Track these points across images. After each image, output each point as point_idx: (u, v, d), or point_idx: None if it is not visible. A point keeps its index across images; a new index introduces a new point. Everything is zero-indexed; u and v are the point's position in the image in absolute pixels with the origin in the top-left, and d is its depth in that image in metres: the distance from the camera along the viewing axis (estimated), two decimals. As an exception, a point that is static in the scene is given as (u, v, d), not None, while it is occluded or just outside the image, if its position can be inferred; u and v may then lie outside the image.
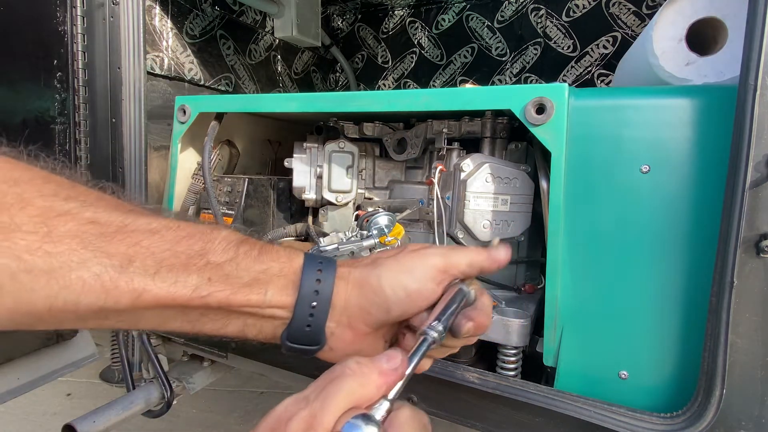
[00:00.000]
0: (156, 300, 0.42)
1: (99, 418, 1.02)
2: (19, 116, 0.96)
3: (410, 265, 0.49)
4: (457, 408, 0.78)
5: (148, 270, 0.41)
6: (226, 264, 0.45)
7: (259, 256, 0.47)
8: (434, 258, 0.50)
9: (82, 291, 0.39)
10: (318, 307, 0.47)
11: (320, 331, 0.48)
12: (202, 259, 0.44)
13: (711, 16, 0.82)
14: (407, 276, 0.49)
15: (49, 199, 0.39)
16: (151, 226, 0.43)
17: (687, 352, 0.68)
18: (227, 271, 0.45)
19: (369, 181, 1.14)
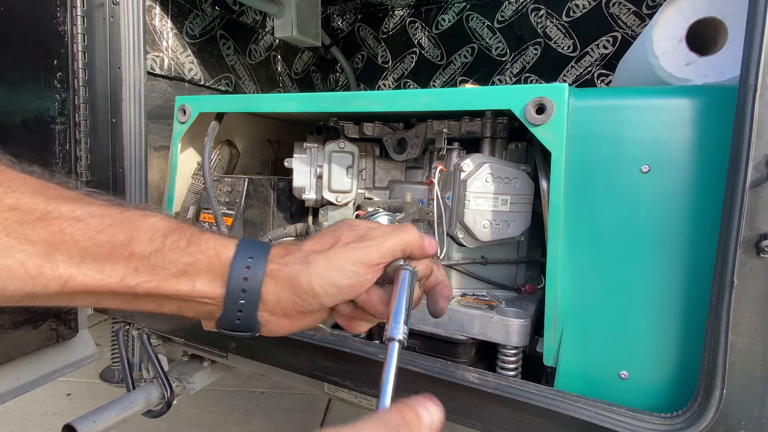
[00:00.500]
0: (83, 287, 0.42)
1: (99, 418, 1.02)
2: (19, 116, 0.96)
3: (340, 263, 0.49)
4: (457, 408, 0.78)
5: (72, 258, 0.42)
6: (152, 255, 0.44)
7: (186, 248, 0.46)
8: (365, 252, 0.50)
9: (8, 277, 0.39)
10: (246, 304, 0.47)
11: (252, 321, 0.49)
12: (127, 249, 0.43)
13: (711, 16, 0.82)
14: (338, 273, 0.48)
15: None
16: (75, 213, 0.42)
17: (687, 352, 0.68)
18: (154, 262, 0.44)
19: (369, 181, 1.14)
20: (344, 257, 0.49)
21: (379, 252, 0.50)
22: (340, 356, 0.87)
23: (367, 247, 0.50)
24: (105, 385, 2.38)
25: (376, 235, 0.51)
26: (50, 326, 1.04)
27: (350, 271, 0.49)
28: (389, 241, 0.51)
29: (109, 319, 1.25)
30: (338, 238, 0.51)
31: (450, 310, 0.84)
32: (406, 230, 0.53)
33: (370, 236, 0.51)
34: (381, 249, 0.50)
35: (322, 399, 2.27)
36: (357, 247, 0.49)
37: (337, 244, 0.50)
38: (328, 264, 0.48)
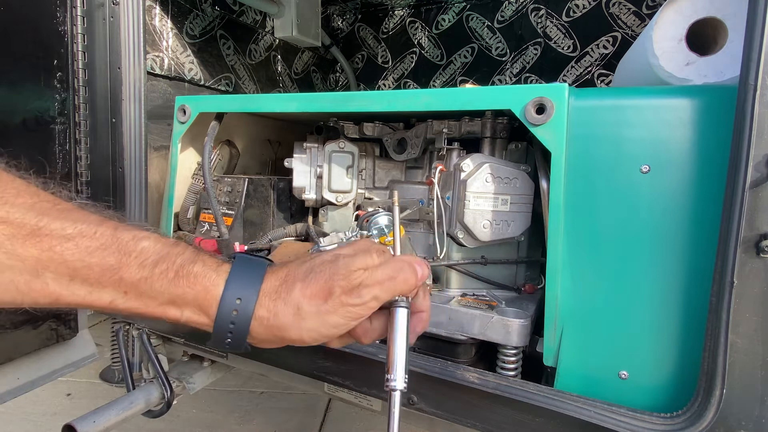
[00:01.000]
0: (74, 304, 0.43)
1: (99, 418, 1.01)
2: (19, 116, 0.96)
3: (335, 321, 0.48)
4: (457, 408, 0.78)
5: (62, 277, 0.42)
6: (141, 282, 0.44)
7: (174, 279, 0.45)
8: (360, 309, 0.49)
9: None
10: (234, 336, 0.47)
11: (242, 346, 0.49)
12: (116, 274, 0.43)
13: (711, 16, 0.82)
14: (330, 329, 0.49)
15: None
16: (66, 231, 0.42)
17: (687, 352, 0.68)
18: (143, 289, 0.44)
19: (369, 181, 1.14)
20: (339, 315, 0.48)
21: (375, 305, 0.50)
22: (340, 356, 0.87)
23: (362, 305, 0.49)
24: (105, 385, 2.38)
25: (373, 283, 0.50)
26: (50, 326, 1.04)
27: (344, 326, 0.49)
28: (386, 293, 0.50)
29: (109, 319, 1.25)
30: (332, 287, 0.48)
31: (450, 310, 0.85)
32: (405, 277, 0.51)
33: (368, 284, 0.49)
34: (378, 301, 0.50)
35: (322, 399, 2.27)
36: (353, 303, 0.48)
37: (332, 297, 0.48)
38: (321, 321, 0.48)
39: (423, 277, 0.53)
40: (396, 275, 0.51)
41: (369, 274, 0.50)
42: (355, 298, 0.49)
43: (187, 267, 0.46)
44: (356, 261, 0.50)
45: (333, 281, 0.49)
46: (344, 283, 0.49)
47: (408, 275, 0.52)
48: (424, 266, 0.54)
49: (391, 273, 0.51)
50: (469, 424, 0.78)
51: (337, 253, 0.52)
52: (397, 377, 0.49)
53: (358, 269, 0.50)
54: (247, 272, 0.49)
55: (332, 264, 0.50)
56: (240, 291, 0.47)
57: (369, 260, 0.51)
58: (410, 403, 0.82)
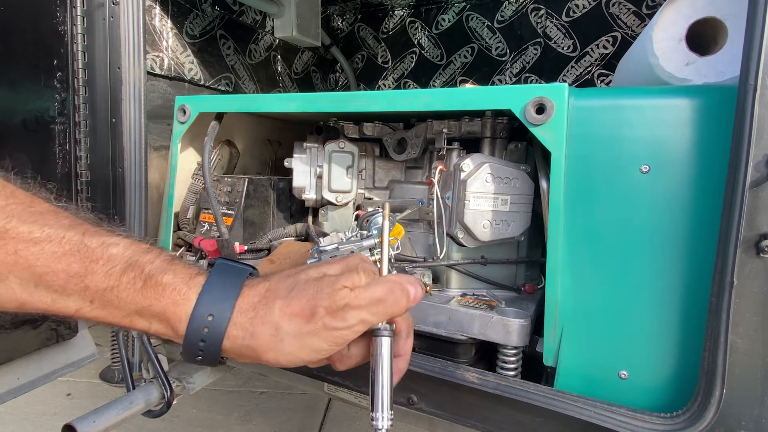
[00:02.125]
0: (40, 311, 0.42)
1: (99, 418, 1.01)
2: (19, 116, 0.96)
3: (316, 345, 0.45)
4: (457, 408, 0.78)
5: (27, 283, 0.41)
6: (107, 291, 0.42)
7: (142, 290, 0.43)
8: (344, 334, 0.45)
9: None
10: (205, 357, 0.45)
11: (215, 362, 0.46)
12: (81, 281, 0.41)
13: (711, 16, 0.82)
14: (310, 353, 0.45)
15: None
16: (33, 235, 0.41)
17: (687, 352, 0.68)
18: (109, 299, 0.42)
19: (369, 181, 1.14)
20: (321, 338, 0.45)
21: (361, 329, 0.46)
22: (340, 356, 0.87)
23: (348, 329, 0.45)
24: (105, 385, 2.38)
25: (360, 305, 0.46)
26: (50, 326, 1.04)
27: (326, 350, 0.46)
28: (375, 316, 0.47)
29: (109, 319, 1.25)
30: (316, 308, 0.45)
31: (450, 310, 0.85)
32: (395, 299, 0.47)
33: (355, 305, 0.45)
34: (365, 325, 0.46)
35: (322, 399, 2.27)
36: (338, 327, 0.45)
37: (314, 318, 0.44)
38: (300, 344, 0.44)
39: (416, 299, 0.49)
40: (385, 297, 0.47)
41: (356, 295, 0.46)
42: (340, 321, 0.45)
43: (156, 277, 0.43)
44: (341, 279, 0.47)
45: (316, 300, 0.45)
46: (328, 303, 0.45)
47: (399, 297, 0.47)
48: (417, 286, 0.49)
49: (380, 294, 0.47)
50: (469, 424, 0.78)
51: (323, 270, 0.48)
52: (383, 416, 0.47)
53: (344, 288, 0.46)
54: (222, 285, 0.45)
55: (317, 282, 0.46)
56: (213, 306, 0.44)
57: (356, 279, 0.48)
58: (410, 403, 0.82)
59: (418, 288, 0.50)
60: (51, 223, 0.42)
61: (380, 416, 0.47)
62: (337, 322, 0.45)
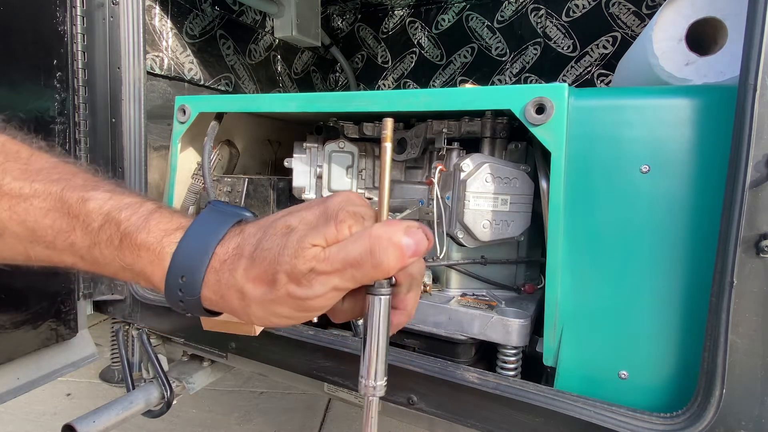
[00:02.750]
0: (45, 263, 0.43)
1: (99, 418, 1.01)
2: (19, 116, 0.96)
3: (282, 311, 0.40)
4: (457, 408, 0.78)
5: (24, 239, 0.42)
6: (92, 248, 0.41)
7: (119, 248, 0.41)
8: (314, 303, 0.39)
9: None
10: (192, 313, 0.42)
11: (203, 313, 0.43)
12: (68, 238, 0.41)
13: (711, 16, 0.82)
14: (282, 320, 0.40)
15: None
16: (23, 191, 0.41)
17: (687, 352, 0.68)
18: (95, 256, 0.42)
19: (369, 181, 1.14)
20: (288, 306, 0.39)
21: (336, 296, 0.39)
22: (339, 356, 0.87)
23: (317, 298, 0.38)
24: (105, 385, 2.38)
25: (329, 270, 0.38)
26: (50, 326, 1.04)
27: (299, 317, 0.40)
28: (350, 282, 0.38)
29: (109, 319, 1.25)
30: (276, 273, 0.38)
31: (450, 310, 0.85)
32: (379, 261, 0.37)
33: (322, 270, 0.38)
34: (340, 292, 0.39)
35: (322, 399, 2.27)
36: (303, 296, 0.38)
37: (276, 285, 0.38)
38: (268, 311, 0.40)
39: (416, 254, 0.38)
40: (363, 259, 0.37)
41: (325, 256, 0.38)
42: (305, 288, 0.38)
43: (132, 236, 0.41)
44: (312, 235, 0.38)
45: (277, 264, 0.38)
46: (290, 267, 0.37)
47: (383, 257, 0.37)
48: (416, 235, 0.38)
49: (356, 255, 0.37)
50: (469, 424, 0.78)
51: (293, 220, 0.40)
52: (376, 383, 0.41)
53: (313, 246, 0.38)
54: (198, 241, 0.41)
55: (283, 237, 0.39)
56: (185, 267, 0.40)
57: (330, 233, 0.38)
58: (410, 403, 0.82)
59: (417, 237, 0.38)
60: (41, 179, 0.42)
61: (373, 382, 0.42)
62: (302, 290, 0.38)
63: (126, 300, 1.14)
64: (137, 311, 1.14)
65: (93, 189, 0.42)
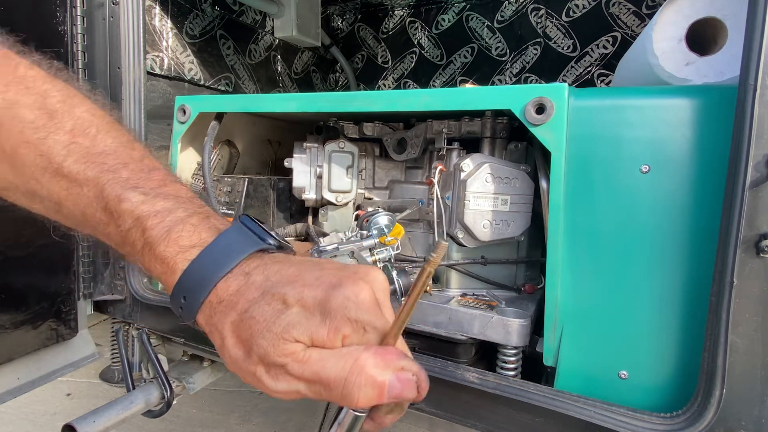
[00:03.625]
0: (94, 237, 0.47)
1: (99, 418, 1.01)
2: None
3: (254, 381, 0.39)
4: (457, 408, 0.78)
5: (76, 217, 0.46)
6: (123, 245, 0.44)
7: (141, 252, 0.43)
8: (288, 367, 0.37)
9: None
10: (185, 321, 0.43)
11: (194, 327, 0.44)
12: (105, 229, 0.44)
13: (711, 16, 0.82)
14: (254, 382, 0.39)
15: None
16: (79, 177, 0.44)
17: (687, 352, 0.68)
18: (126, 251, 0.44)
19: (369, 181, 1.14)
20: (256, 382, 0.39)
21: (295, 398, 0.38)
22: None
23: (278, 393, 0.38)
24: (105, 385, 2.38)
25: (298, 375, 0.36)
26: (50, 326, 1.04)
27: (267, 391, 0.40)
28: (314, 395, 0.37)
29: (109, 319, 1.25)
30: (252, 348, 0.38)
31: (450, 310, 0.85)
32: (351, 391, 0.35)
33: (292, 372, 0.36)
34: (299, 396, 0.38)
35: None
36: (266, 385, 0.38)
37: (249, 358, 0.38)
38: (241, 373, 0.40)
39: (396, 398, 0.35)
40: (336, 384, 0.35)
41: (303, 357, 0.36)
42: (270, 379, 0.37)
43: (152, 245, 0.42)
44: (299, 328, 0.36)
45: (256, 342, 0.37)
46: (265, 351, 0.36)
47: (358, 394, 0.34)
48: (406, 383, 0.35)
49: (333, 376, 0.35)
50: (469, 424, 0.78)
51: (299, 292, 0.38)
52: None
53: (294, 341, 0.36)
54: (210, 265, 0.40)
55: (273, 315, 0.37)
56: (187, 290, 0.41)
57: (323, 332, 0.36)
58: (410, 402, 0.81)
59: (405, 384, 0.35)
60: (96, 166, 0.44)
61: None
62: (267, 379, 0.37)
63: (126, 300, 1.14)
64: (137, 311, 1.14)
65: (132, 188, 0.43)
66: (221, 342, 0.40)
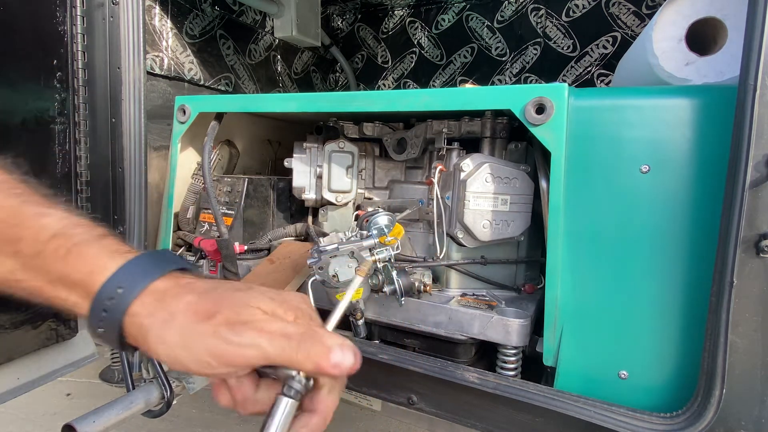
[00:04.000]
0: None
1: (99, 418, 1.01)
2: (19, 116, 0.96)
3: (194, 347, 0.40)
4: (457, 408, 0.78)
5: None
6: (36, 257, 0.43)
7: (65, 257, 0.43)
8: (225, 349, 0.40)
9: None
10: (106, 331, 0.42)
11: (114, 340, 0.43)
12: (14, 246, 0.44)
13: (711, 16, 0.82)
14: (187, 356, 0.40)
15: None
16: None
17: (687, 352, 0.68)
18: (37, 264, 0.44)
19: (369, 181, 1.14)
20: (206, 344, 0.40)
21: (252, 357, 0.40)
22: (340, 356, 0.87)
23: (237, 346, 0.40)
24: (105, 385, 2.38)
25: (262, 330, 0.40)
26: (50, 326, 1.04)
27: (202, 361, 0.40)
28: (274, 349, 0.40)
29: (109, 319, 1.25)
30: (217, 311, 0.41)
31: (450, 310, 0.85)
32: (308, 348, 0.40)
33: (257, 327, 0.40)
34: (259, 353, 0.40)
35: (322, 399, 2.27)
36: (227, 339, 0.40)
37: (210, 320, 0.40)
38: (183, 341, 0.40)
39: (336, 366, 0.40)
40: (295, 338, 0.40)
41: (266, 319, 0.41)
42: (232, 334, 0.40)
43: (81, 247, 0.43)
44: (264, 301, 0.43)
45: (221, 306, 0.41)
46: (231, 312, 0.41)
47: (311, 350, 0.40)
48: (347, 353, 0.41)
49: (293, 332, 0.41)
50: (469, 424, 0.78)
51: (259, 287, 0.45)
52: None
53: (257, 308, 0.42)
54: (146, 266, 0.43)
55: (237, 291, 0.43)
56: (126, 280, 0.42)
57: (279, 310, 0.43)
58: (410, 403, 0.82)
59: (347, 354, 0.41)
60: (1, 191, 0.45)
61: None
62: (229, 334, 0.40)
63: (126, 300, 1.14)
64: (137, 311, 1.14)
65: (51, 207, 0.46)
66: (169, 316, 0.41)
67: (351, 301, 0.52)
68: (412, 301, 0.87)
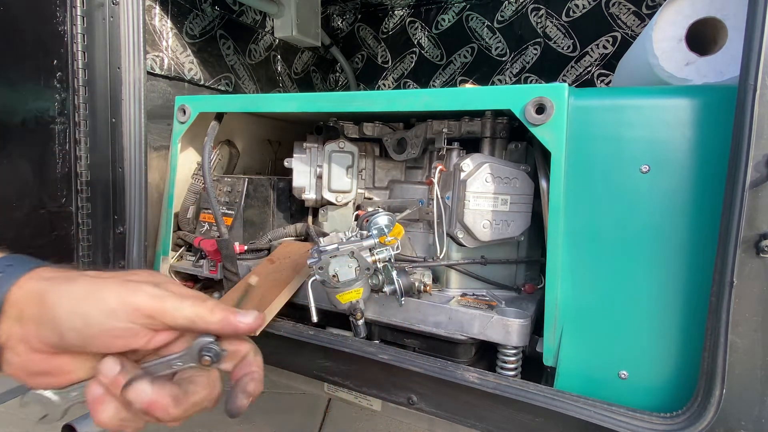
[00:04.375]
0: None
1: (99, 418, 1.01)
2: (19, 116, 0.96)
3: (103, 295, 0.40)
4: (457, 408, 0.78)
5: None
6: None
7: None
8: (140, 296, 0.40)
9: None
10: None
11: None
12: None
13: (711, 16, 0.82)
14: (92, 305, 0.39)
15: None
16: None
17: (687, 352, 0.68)
18: None
19: (369, 181, 1.14)
20: (112, 291, 0.40)
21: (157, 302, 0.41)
22: (340, 356, 0.87)
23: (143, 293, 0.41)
24: (105, 385, 2.38)
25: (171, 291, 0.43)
26: (50, 326, 1.04)
27: (108, 307, 0.39)
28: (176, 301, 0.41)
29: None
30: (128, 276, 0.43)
31: (450, 310, 0.84)
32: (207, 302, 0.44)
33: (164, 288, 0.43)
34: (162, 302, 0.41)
35: (322, 399, 2.27)
36: (133, 288, 0.41)
37: (117, 277, 0.42)
38: (88, 291, 0.40)
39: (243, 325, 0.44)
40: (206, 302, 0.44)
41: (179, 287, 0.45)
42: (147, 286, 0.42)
43: None
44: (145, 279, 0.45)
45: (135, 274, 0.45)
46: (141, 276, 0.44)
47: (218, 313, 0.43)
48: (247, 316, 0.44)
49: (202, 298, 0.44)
50: (469, 424, 0.78)
51: None
52: None
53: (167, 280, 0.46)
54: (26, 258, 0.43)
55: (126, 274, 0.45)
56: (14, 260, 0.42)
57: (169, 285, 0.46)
58: (410, 403, 0.82)
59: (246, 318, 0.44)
60: None
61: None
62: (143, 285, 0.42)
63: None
64: (137, 311, 1.14)
65: None
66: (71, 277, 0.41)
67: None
68: (412, 301, 0.87)
